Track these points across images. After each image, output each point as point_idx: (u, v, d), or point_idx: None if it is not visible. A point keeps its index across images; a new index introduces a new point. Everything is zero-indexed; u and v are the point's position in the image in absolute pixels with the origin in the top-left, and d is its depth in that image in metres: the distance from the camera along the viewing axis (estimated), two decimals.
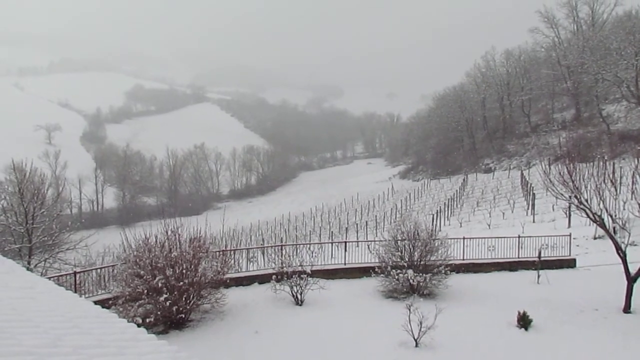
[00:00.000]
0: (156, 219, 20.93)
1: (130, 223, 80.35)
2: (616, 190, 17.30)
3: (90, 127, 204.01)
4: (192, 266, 15.51)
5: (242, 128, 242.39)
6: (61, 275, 17.37)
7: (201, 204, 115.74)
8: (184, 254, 15.53)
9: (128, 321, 6.75)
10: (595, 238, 28.61)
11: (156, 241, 15.86)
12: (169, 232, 16.05)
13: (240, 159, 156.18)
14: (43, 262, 25.64)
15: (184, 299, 15.13)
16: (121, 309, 14.52)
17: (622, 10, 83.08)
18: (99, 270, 18.48)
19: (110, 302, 15.39)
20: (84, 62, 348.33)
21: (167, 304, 14.74)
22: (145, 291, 14.85)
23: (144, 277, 14.98)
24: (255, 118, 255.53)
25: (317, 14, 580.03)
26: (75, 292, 15.34)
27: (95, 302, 12.34)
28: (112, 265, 18.40)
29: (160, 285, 14.79)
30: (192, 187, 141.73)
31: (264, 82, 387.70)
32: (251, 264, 20.77)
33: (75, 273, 17.10)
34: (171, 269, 15.10)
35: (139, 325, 7.03)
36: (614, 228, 16.62)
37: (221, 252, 18.92)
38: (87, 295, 16.36)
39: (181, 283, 15.06)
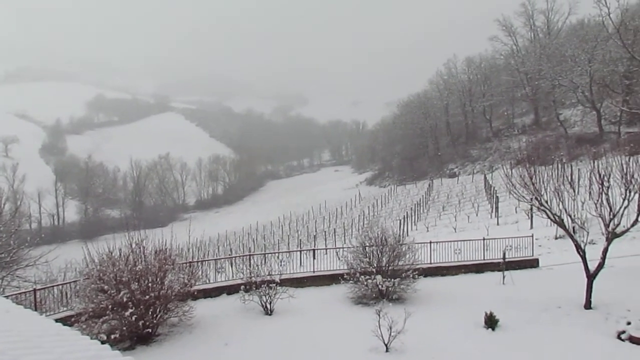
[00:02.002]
0: (120, 232, 20.51)
1: (93, 237, 78.53)
2: (574, 191, 17.84)
3: (49, 139, 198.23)
4: (158, 279, 15.20)
5: (207, 137, 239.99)
6: (20, 293, 16.71)
7: (167, 216, 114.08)
8: (150, 266, 15.21)
9: (92, 338, 6.56)
10: (556, 238, 29.41)
11: (120, 255, 15.48)
12: (134, 245, 15.69)
13: (206, 169, 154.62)
14: (0, 280, 24.68)
15: (150, 313, 14.80)
16: (84, 326, 14.08)
17: (576, 19, 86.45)
18: (60, 286, 17.86)
19: (73, 319, 14.91)
20: (42, 72, 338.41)
21: (133, 318, 14.39)
22: (110, 306, 14.46)
23: (108, 292, 14.58)
24: (220, 127, 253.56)
25: (281, 24, 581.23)
26: (36, 310, 14.84)
27: (57, 320, 11.98)
28: (75, 281, 17.81)
29: (125, 299, 14.43)
30: (157, 198, 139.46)
31: (229, 91, 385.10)
32: (219, 274, 20.53)
33: (35, 290, 16.50)
34: (136, 283, 14.76)
35: (103, 342, 6.84)
36: (573, 228, 17.11)
37: (188, 264, 18.62)
38: (48, 313, 15.82)
39: (147, 297, 14.73)
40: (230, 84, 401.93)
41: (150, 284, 14.89)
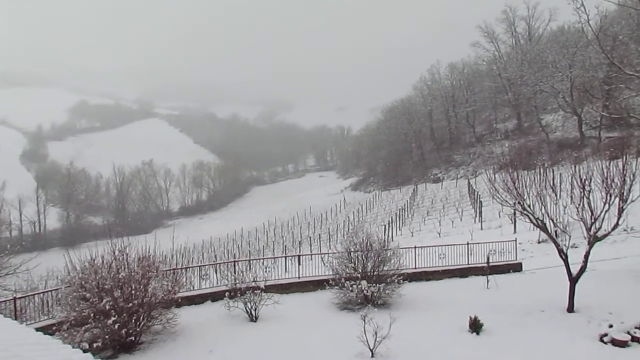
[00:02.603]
0: (103, 239, 20.23)
1: (75, 244, 77.31)
2: (556, 195, 18.05)
3: (30, 145, 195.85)
4: (142, 286, 15.02)
5: (191, 143, 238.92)
6: (0, 302, 16.43)
7: (150, 222, 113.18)
8: (133, 273, 15.04)
9: (73, 347, 6.45)
10: (539, 242, 29.72)
11: (103, 262, 15.28)
12: (117, 252, 15.50)
13: (190, 175, 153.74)
14: None
15: (133, 320, 14.62)
16: (66, 335, 13.84)
17: (556, 26, 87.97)
18: (41, 295, 17.54)
19: (55, 328, 14.66)
20: (23, 77, 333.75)
21: (116, 326, 14.20)
22: (92, 314, 14.25)
23: (91, 300, 14.38)
24: (205, 133, 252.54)
25: (265, 30, 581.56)
26: (16, 319, 14.58)
27: (38, 329, 11.78)
28: (56, 289, 17.52)
29: (107, 307, 14.24)
30: (141, 204, 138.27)
31: (213, 96, 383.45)
32: (204, 281, 20.33)
33: (15, 299, 16.18)
34: (119, 290, 14.57)
35: (85, 351, 6.74)
36: (555, 232, 17.29)
37: (172, 271, 18.43)
38: (29, 322, 15.53)
39: (130, 304, 14.55)
40: (215, 90, 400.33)
41: (133, 292, 14.71)
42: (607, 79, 58.98)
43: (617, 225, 15.99)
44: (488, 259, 21.50)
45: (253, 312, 16.83)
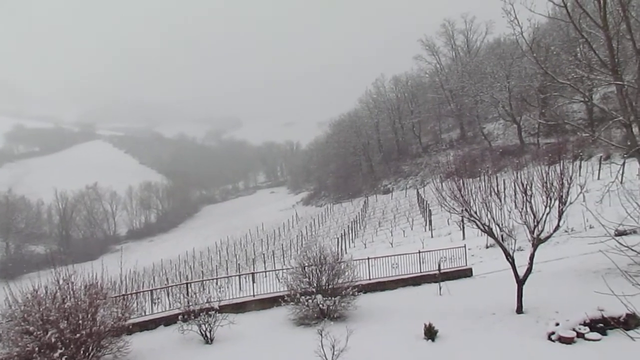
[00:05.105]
0: (46, 268, 19.31)
1: (16, 276, 73.17)
2: (501, 201, 18.69)
3: None
4: (89, 315, 14.41)
5: (137, 164, 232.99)
6: None
7: (97, 248, 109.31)
8: (79, 302, 14.40)
9: None
10: (487, 247, 30.59)
11: (47, 292, 14.56)
12: (61, 281, 14.83)
13: (137, 197, 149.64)
14: None
15: (82, 352, 13.96)
16: None
17: (493, 38, 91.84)
18: None
19: None
20: None
21: (63, 359, 13.55)
22: (37, 349, 13.51)
23: (35, 334, 13.65)
24: (151, 153, 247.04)
25: (210, 47, 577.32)
26: None
27: None
28: None
29: (53, 340, 13.55)
30: (86, 230, 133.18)
31: (158, 116, 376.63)
32: (155, 305, 19.75)
33: None
34: (65, 321, 13.92)
35: None
36: (502, 236, 17.87)
37: (122, 297, 17.80)
38: None
39: (78, 335, 13.91)
40: (160, 109, 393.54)
41: (80, 321, 14.09)
42: (542, 88, 61.68)
43: (558, 227, 16.66)
44: (439, 266, 21.96)
45: (208, 334, 16.46)
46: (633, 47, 19.11)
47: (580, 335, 14.33)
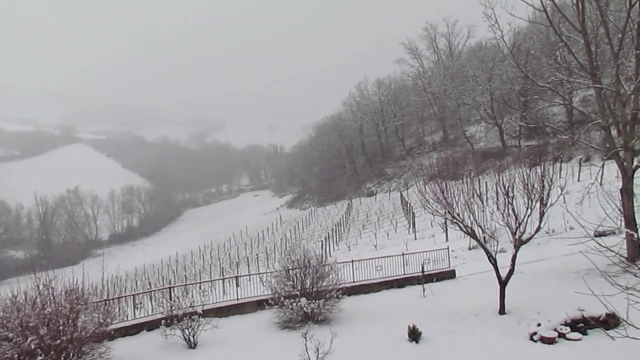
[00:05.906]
0: (26, 273, 18.98)
1: None
2: (483, 203, 18.86)
3: None
4: (70, 321, 14.19)
5: (119, 168, 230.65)
6: None
7: (78, 253, 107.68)
8: (60, 308, 14.17)
9: None
10: (470, 249, 30.83)
11: (26, 298, 14.36)
12: (41, 287, 14.59)
13: (119, 201, 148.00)
14: None
15: (62, 358, 13.75)
16: None
17: (474, 42, 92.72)
18: None
19: None
20: None
21: None
22: (16, 356, 13.29)
23: (14, 340, 13.40)
24: (133, 157, 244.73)
25: (193, 50, 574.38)
26: None
27: None
28: None
29: (33, 346, 13.32)
30: (67, 235, 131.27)
31: (141, 119, 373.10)
32: (138, 310, 19.52)
33: None
34: (45, 327, 13.69)
35: None
36: (484, 238, 18.03)
37: (103, 302, 17.58)
38: None
39: (58, 341, 13.69)
40: (142, 112, 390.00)
41: (61, 327, 13.87)
42: (523, 91, 62.60)
43: (539, 228, 16.87)
44: (423, 268, 22.07)
45: (191, 339, 16.32)
46: (611, 51, 19.46)
47: (561, 335, 14.51)
